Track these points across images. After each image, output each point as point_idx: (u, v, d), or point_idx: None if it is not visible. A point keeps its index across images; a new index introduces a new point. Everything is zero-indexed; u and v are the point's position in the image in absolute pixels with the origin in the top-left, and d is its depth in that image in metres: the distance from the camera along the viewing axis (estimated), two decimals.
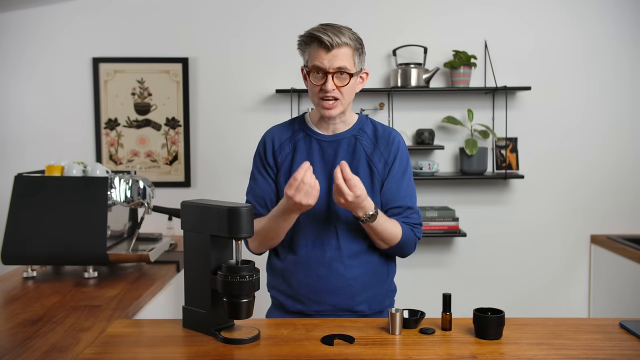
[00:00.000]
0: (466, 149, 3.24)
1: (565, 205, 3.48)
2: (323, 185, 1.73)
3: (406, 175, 1.79)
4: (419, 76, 3.28)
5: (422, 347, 1.44)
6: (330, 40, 1.62)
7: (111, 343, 1.48)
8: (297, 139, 1.80)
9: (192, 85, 3.44)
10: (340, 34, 1.64)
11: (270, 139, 1.83)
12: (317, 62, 1.65)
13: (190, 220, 1.53)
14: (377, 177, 1.75)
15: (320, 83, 1.67)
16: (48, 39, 3.40)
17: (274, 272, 1.83)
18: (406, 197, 1.77)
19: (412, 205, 1.78)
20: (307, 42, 1.68)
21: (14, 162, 3.37)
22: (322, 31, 1.63)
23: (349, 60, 1.66)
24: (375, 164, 1.75)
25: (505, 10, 3.41)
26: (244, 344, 1.45)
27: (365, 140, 1.77)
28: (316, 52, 1.65)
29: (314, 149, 1.77)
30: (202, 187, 3.46)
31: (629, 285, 3.06)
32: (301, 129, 1.81)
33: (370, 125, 1.81)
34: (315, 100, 1.72)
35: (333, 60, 1.64)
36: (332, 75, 1.65)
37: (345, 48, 1.65)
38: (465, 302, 2.46)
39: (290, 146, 1.79)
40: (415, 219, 1.78)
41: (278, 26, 3.41)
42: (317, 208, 1.72)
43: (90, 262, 2.27)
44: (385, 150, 1.77)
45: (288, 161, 1.78)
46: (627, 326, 1.56)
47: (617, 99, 3.44)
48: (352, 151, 1.76)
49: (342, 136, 1.78)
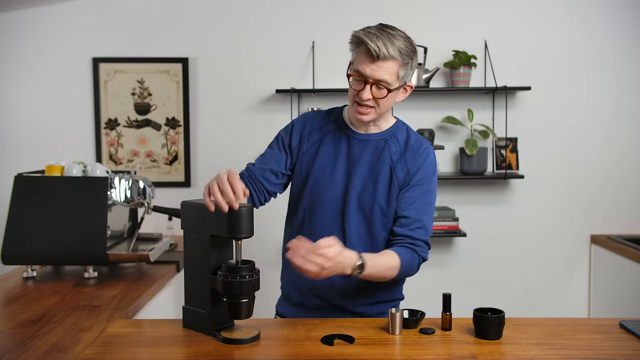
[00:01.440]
0: (466, 149, 3.24)
1: (565, 205, 3.48)
2: (341, 182, 1.71)
3: (426, 190, 1.70)
4: (419, 76, 3.27)
5: (422, 347, 1.44)
6: (377, 50, 1.55)
7: (111, 343, 1.48)
8: (328, 130, 1.77)
9: (192, 85, 3.44)
10: (391, 45, 1.55)
11: (302, 124, 1.79)
12: (360, 68, 1.60)
13: (190, 220, 1.53)
14: (396, 186, 1.69)
15: (358, 89, 1.62)
16: (48, 39, 3.40)
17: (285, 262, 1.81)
18: (419, 208, 1.68)
19: (421, 218, 1.67)
20: (357, 43, 1.61)
21: (14, 162, 3.37)
22: (374, 37, 1.55)
23: (392, 75, 1.59)
24: (397, 172, 1.70)
25: (505, 10, 3.41)
26: (244, 344, 1.45)
27: (395, 146, 1.73)
28: (361, 58, 1.60)
29: (342, 143, 1.74)
30: (202, 187, 3.44)
31: (629, 285, 3.06)
32: (335, 121, 1.78)
33: (404, 132, 1.77)
34: (351, 101, 1.68)
35: (376, 71, 1.58)
36: (371, 85, 1.60)
37: (391, 62, 1.57)
38: (465, 302, 2.47)
39: (319, 135, 1.76)
40: (421, 235, 1.67)
41: (279, 26, 3.41)
42: (332, 206, 1.70)
43: (90, 262, 2.27)
44: (410, 160, 1.71)
45: (314, 149, 1.75)
46: (627, 326, 1.56)
47: (617, 99, 3.44)
48: (378, 154, 1.72)
49: (373, 137, 1.74)
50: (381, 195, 1.69)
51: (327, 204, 1.70)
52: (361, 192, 1.70)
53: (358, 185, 1.69)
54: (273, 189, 1.78)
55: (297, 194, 1.78)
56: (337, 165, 1.72)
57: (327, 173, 1.72)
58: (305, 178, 1.75)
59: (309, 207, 1.74)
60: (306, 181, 1.74)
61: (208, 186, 1.43)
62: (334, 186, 1.71)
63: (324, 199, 1.71)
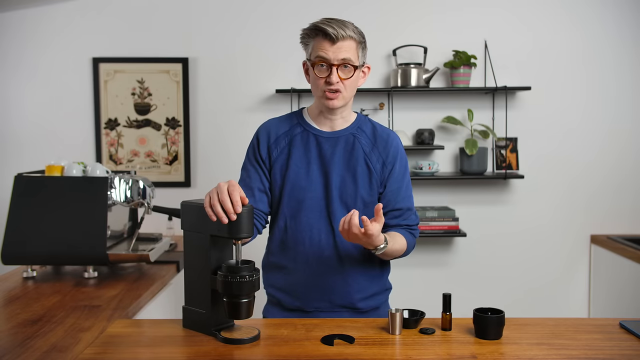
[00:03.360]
0: (466, 149, 3.24)
1: (565, 205, 3.48)
2: (319, 182, 1.73)
3: (405, 178, 1.81)
4: (419, 76, 3.28)
5: (422, 347, 1.44)
6: (335, 33, 1.63)
7: (111, 343, 1.48)
8: (294, 133, 1.79)
9: (192, 85, 3.44)
10: (345, 27, 1.65)
11: (266, 133, 1.81)
12: (322, 52, 1.66)
13: (190, 220, 1.53)
14: (375, 177, 1.75)
15: (324, 75, 1.68)
16: (48, 39, 3.40)
17: (271, 270, 1.83)
18: (406, 198, 1.80)
19: (411, 206, 1.81)
20: (310, 34, 1.69)
21: (14, 162, 3.37)
22: (327, 24, 1.65)
23: (353, 53, 1.67)
24: (373, 163, 1.76)
25: (505, 10, 3.41)
26: (244, 344, 1.45)
27: (364, 139, 1.78)
28: (320, 44, 1.66)
29: (310, 144, 1.77)
30: (202, 187, 3.46)
31: (629, 285, 3.06)
32: (299, 123, 1.80)
33: (369, 124, 1.82)
34: (319, 93, 1.71)
35: (338, 52, 1.65)
36: (337, 68, 1.66)
37: (350, 41, 1.66)
38: (465, 302, 2.47)
39: (286, 140, 1.78)
40: (413, 220, 1.81)
41: (278, 26, 3.41)
42: (314, 206, 1.73)
43: (90, 262, 2.27)
44: (383, 151, 1.77)
45: (284, 155, 1.77)
46: (627, 326, 1.56)
47: (617, 99, 3.44)
48: (350, 149, 1.76)
49: (341, 134, 1.77)
50: (362, 187, 1.74)
51: (309, 205, 1.74)
52: (341, 187, 1.74)
53: (337, 182, 1.73)
54: (267, 208, 1.81)
55: (275, 203, 1.80)
56: (311, 166, 1.75)
57: (303, 175, 1.75)
58: (281, 185, 1.77)
59: (290, 212, 1.76)
60: (283, 187, 1.76)
61: (208, 195, 1.44)
62: (312, 187, 1.74)
63: (305, 201, 1.74)
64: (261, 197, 1.78)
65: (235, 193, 1.42)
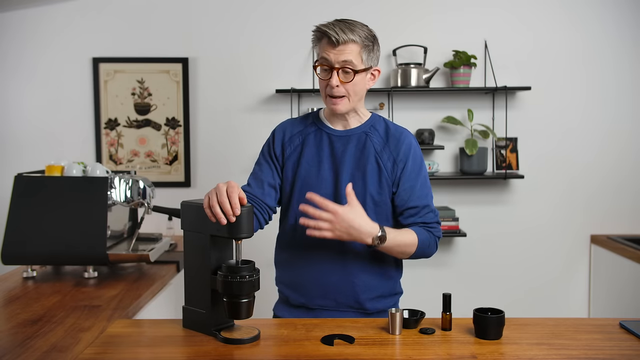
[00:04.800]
0: (466, 149, 3.24)
1: (565, 205, 3.48)
2: (329, 180, 1.74)
3: (421, 175, 1.76)
4: (419, 76, 3.28)
5: (422, 347, 1.44)
6: (336, 36, 1.63)
7: (111, 343, 1.48)
8: (308, 132, 1.80)
9: (192, 85, 3.44)
10: (349, 31, 1.64)
11: (281, 131, 1.84)
12: (324, 55, 1.67)
13: (190, 220, 1.54)
14: (385, 175, 1.73)
15: (326, 78, 1.69)
16: (48, 39, 3.40)
17: (280, 266, 1.84)
18: (421, 196, 1.75)
19: (428, 204, 1.75)
20: (318, 37, 1.70)
21: (14, 162, 3.37)
22: (331, 26, 1.65)
23: (355, 56, 1.66)
24: (384, 162, 1.74)
25: (505, 10, 3.41)
26: (244, 344, 1.45)
27: (376, 137, 1.77)
28: (324, 47, 1.68)
29: (323, 142, 1.77)
30: (202, 187, 3.46)
31: (629, 285, 3.06)
32: (314, 123, 1.82)
33: (382, 123, 1.81)
34: (323, 96, 1.73)
35: (339, 55, 1.65)
36: (337, 71, 1.66)
37: (352, 44, 1.65)
38: (465, 302, 2.47)
39: (300, 139, 1.80)
40: (432, 218, 1.75)
41: (279, 26, 3.41)
42: None
43: (90, 262, 2.27)
44: (395, 149, 1.75)
45: (297, 153, 1.78)
46: (627, 326, 1.56)
47: (617, 99, 3.44)
48: (361, 147, 1.75)
49: (353, 132, 1.77)
50: (372, 185, 1.73)
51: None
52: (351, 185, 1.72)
53: (347, 180, 1.73)
54: (274, 203, 1.81)
55: (286, 199, 1.80)
56: (322, 165, 1.75)
57: (314, 173, 1.75)
58: (292, 182, 1.78)
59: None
60: (294, 185, 1.77)
61: (207, 197, 1.45)
62: (323, 185, 1.74)
63: None
64: (269, 191, 1.79)
65: (233, 195, 1.42)
